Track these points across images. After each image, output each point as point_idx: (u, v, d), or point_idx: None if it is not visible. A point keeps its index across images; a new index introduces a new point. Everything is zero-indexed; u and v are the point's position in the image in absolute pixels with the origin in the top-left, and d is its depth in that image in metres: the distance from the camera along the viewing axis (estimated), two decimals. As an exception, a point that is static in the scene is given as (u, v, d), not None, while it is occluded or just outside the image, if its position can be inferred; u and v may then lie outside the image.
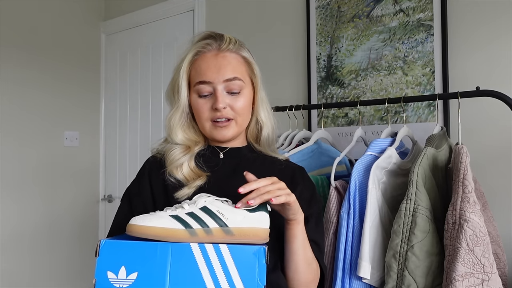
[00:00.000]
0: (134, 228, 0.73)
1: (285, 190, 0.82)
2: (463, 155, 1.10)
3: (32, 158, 2.53)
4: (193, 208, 0.76)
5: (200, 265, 0.70)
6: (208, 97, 0.96)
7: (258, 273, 0.69)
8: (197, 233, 0.73)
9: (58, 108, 2.66)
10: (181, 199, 0.92)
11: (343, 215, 1.21)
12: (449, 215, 1.06)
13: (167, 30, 2.60)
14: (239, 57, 0.98)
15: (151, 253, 0.70)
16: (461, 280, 0.99)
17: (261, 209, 0.78)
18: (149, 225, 0.72)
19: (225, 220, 0.74)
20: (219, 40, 0.98)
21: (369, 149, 1.27)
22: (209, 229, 0.73)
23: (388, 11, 1.73)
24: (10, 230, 2.42)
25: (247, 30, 2.17)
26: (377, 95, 1.75)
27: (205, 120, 0.97)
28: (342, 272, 1.19)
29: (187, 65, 0.97)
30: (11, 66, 2.44)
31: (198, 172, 0.96)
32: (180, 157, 0.97)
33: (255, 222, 0.76)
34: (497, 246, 1.21)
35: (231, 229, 0.74)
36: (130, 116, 2.81)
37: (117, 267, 0.70)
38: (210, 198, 0.79)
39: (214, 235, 0.74)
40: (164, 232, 0.72)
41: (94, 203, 2.87)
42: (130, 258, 0.70)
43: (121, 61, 2.86)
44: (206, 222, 0.74)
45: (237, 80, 0.96)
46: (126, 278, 0.69)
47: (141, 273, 0.70)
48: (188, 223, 0.73)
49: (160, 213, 0.76)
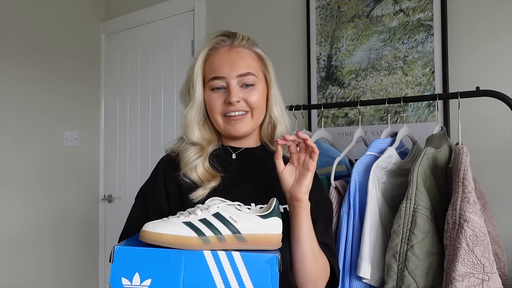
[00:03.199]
0: (147, 234, 0.73)
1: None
2: (463, 155, 1.10)
3: (32, 158, 2.53)
4: (206, 215, 0.76)
5: (213, 272, 0.70)
6: (222, 91, 0.95)
7: (271, 281, 0.69)
8: (210, 240, 0.73)
9: (58, 108, 2.66)
10: (196, 200, 0.92)
11: (343, 215, 1.21)
12: (449, 215, 1.06)
13: (167, 30, 2.60)
14: (252, 53, 0.99)
15: (165, 260, 0.71)
16: (461, 280, 0.99)
17: (274, 215, 0.78)
18: (162, 232, 0.72)
19: (237, 227, 0.74)
20: (232, 37, 0.99)
21: (369, 149, 1.27)
22: (222, 236, 0.73)
23: (388, 11, 1.73)
24: (10, 230, 2.41)
25: (247, 30, 2.16)
26: (377, 95, 1.75)
27: (218, 114, 0.96)
28: (342, 272, 1.19)
29: (201, 62, 0.98)
30: (11, 66, 2.44)
31: (213, 173, 0.96)
32: (194, 158, 0.96)
33: (268, 228, 0.76)
34: (497, 246, 1.21)
35: (244, 236, 0.74)
36: (130, 116, 2.81)
37: (131, 274, 0.70)
38: (223, 204, 0.78)
39: (227, 242, 0.73)
40: (177, 240, 0.72)
41: (94, 203, 2.87)
42: (144, 265, 0.71)
43: (121, 61, 2.86)
44: (219, 229, 0.74)
45: (251, 75, 0.95)
46: (140, 285, 0.70)
47: (155, 279, 0.70)
48: (201, 231, 0.73)
49: (173, 219, 0.76)
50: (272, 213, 0.78)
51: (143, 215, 0.96)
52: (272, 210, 0.78)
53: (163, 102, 2.60)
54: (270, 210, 0.78)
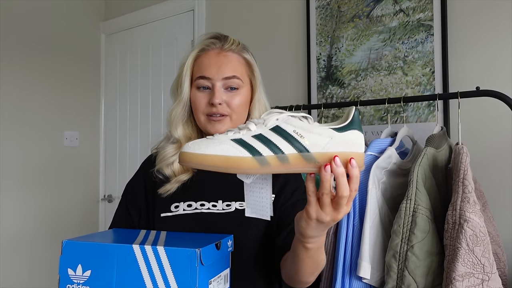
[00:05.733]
0: (187, 157, 0.59)
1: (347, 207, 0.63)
2: (463, 155, 1.10)
3: (32, 158, 2.53)
4: (261, 129, 0.60)
5: (141, 266, 0.74)
6: (207, 91, 0.98)
7: (190, 275, 0.71)
8: (268, 161, 0.58)
9: (58, 108, 2.66)
10: (164, 194, 0.96)
11: (343, 215, 1.21)
12: (449, 215, 1.06)
13: (167, 30, 2.60)
14: (241, 58, 1.01)
15: (101, 254, 0.76)
16: (461, 280, 0.99)
17: (353, 127, 0.59)
18: (206, 153, 0.58)
19: (305, 144, 0.58)
20: (223, 40, 1.01)
21: (369, 149, 1.27)
22: (285, 155, 0.58)
23: (388, 11, 1.73)
24: (10, 229, 2.41)
25: (247, 30, 2.18)
26: (377, 95, 1.75)
27: (201, 114, 0.99)
28: (342, 272, 1.19)
29: (191, 61, 1.01)
30: (11, 66, 2.44)
31: (188, 168, 0.99)
32: (172, 155, 1.00)
33: (345, 144, 0.58)
34: (497, 246, 1.21)
35: (314, 155, 0.58)
36: (130, 116, 2.80)
37: (75, 265, 0.77)
38: (283, 115, 0.60)
39: (291, 164, 0.58)
40: (226, 162, 0.58)
41: (94, 203, 2.87)
42: (85, 257, 0.77)
43: (121, 61, 2.86)
44: (279, 147, 0.58)
45: (236, 79, 0.98)
46: (82, 275, 0.76)
47: (94, 271, 0.76)
48: (256, 149, 0.58)
49: (220, 136, 0.61)
50: (352, 125, 0.59)
51: (125, 211, 1.03)
52: (351, 121, 0.59)
53: (163, 102, 2.60)
54: (349, 121, 0.60)
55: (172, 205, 0.96)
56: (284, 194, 0.96)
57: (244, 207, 0.88)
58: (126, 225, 1.01)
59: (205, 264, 0.72)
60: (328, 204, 0.60)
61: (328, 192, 0.59)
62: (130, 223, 1.01)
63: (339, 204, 0.59)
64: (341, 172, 0.57)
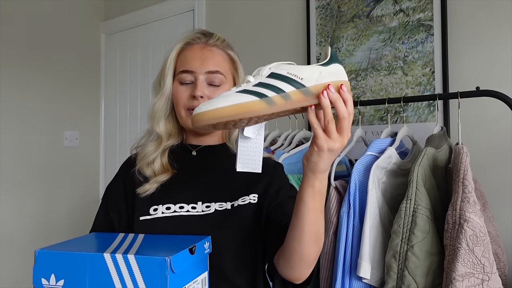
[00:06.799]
0: (202, 116, 0.65)
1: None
2: (463, 155, 1.10)
3: (32, 158, 2.53)
4: (260, 79, 0.67)
5: (113, 275, 0.73)
6: (189, 85, 0.97)
7: (161, 283, 0.70)
8: (275, 101, 0.65)
9: (58, 108, 2.66)
10: (142, 194, 0.94)
11: (343, 215, 1.21)
12: (449, 215, 1.06)
13: (167, 30, 2.60)
14: (225, 54, 1.01)
15: (73, 263, 0.75)
16: (461, 280, 0.99)
17: (334, 61, 0.69)
18: (219, 106, 0.64)
19: (300, 81, 0.66)
20: (208, 36, 1.01)
21: (369, 149, 1.27)
22: (287, 93, 0.65)
23: (388, 11, 1.73)
24: (10, 229, 2.41)
25: (247, 30, 2.18)
26: (377, 95, 1.75)
27: (182, 108, 0.98)
28: (342, 272, 1.19)
29: (174, 55, 1.00)
30: (11, 66, 2.44)
31: (168, 168, 0.98)
32: (152, 153, 0.99)
33: (333, 75, 0.67)
34: (497, 246, 1.21)
35: (310, 89, 0.66)
36: (130, 116, 2.81)
37: (49, 274, 0.76)
38: (273, 64, 0.69)
39: (293, 100, 0.66)
40: (240, 109, 0.64)
41: (94, 203, 2.87)
42: (58, 267, 0.76)
43: (121, 61, 2.86)
44: (280, 88, 0.65)
45: (219, 74, 0.97)
46: (55, 285, 0.76)
47: (67, 280, 0.76)
48: (262, 93, 0.65)
49: (225, 92, 0.68)
50: (332, 60, 0.69)
51: (105, 214, 1.01)
52: (331, 57, 0.69)
53: (163, 102, 2.60)
54: (329, 58, 0.69)
55: (151, 208, 0.94)
56: (270, 194, 0.95)
57: (228, 203, 0.93)
58: (106, 228, 0.99)
59: (176, 271, 0.71)
60: (334, 130, 0.66)
61: (332, 118, 0.65)
62: (111, 226, 0.99)
63: (343, 127, 0.66)
64: (337, 96, 0.65)
